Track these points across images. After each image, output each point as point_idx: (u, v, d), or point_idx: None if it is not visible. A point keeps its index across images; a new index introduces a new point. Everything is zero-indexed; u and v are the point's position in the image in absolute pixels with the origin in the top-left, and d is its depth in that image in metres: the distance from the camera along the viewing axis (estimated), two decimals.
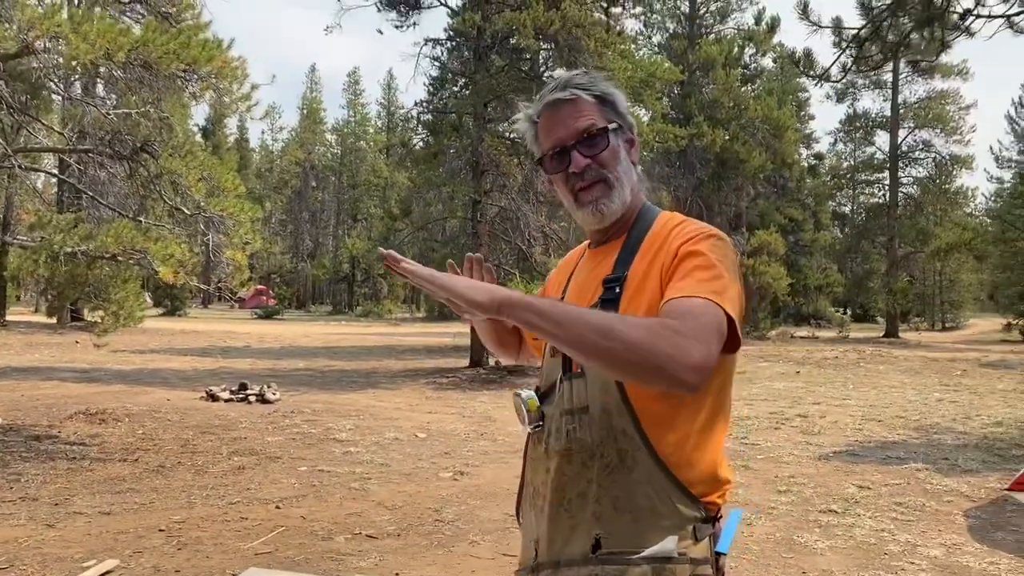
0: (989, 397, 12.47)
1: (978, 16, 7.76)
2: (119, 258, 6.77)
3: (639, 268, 1.40)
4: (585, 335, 1.16)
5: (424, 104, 18.80)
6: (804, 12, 8.98)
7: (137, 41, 6.01)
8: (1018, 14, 7.48)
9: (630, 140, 1.50)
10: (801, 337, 31.50)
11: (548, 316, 1.17)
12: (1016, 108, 45.74)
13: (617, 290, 1.39)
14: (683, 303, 1.24)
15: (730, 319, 1.25)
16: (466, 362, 16.96)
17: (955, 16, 7.92)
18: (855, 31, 8.88)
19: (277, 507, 5.41)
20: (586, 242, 1.64)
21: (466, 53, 17.44)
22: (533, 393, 1.49)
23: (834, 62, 9.26)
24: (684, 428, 1.33)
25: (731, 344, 1.28)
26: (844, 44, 8.88)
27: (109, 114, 7.55)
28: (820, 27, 8.97)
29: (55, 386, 11.91)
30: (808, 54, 10.12)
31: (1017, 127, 44.08)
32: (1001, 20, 7.59)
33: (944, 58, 32.32)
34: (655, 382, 1.18)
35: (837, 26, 8.97)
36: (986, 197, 45.71)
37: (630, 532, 1.33)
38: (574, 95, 1.44)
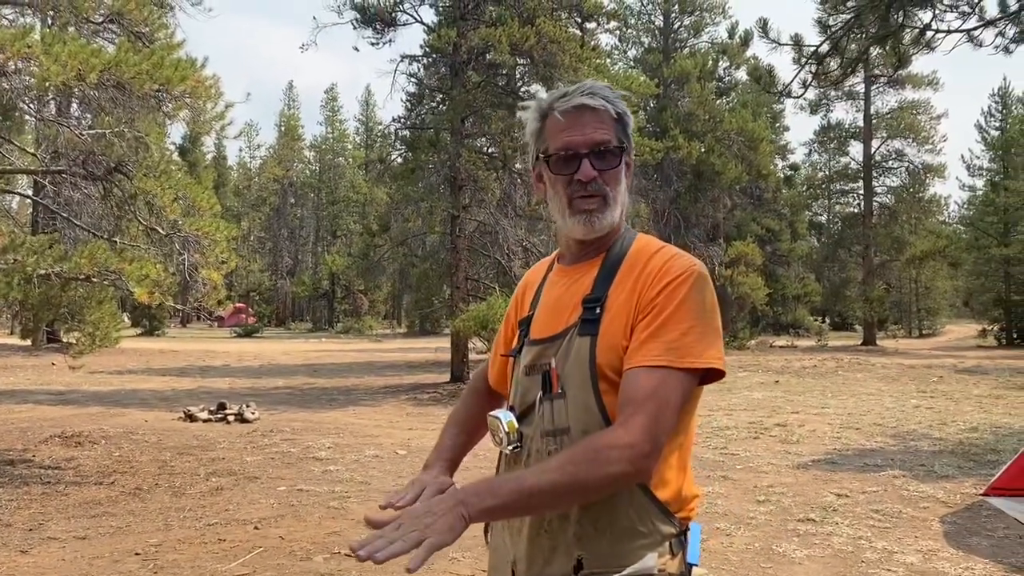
0: (965, 403, 12.62)
1: (937, 31, 7.93)
2: (93, 279, 6.70)
3: (618, 293, 1.41)
4: (534, 507, 1.30)
5: (402, 120, 18.81)
6: (764, 30, 9.14)
7: (109, 62, 5.99)
8: (976, 28, 7.65)
9: (629, 164, 1.50)
10: (780, 346, 31.74)
11: (501, 508, 1.24)
12: (986, 117, 46.46)
13: (598, 311, 1.40)
14: (637, 386, 1.31)
15: (700, 369, 1.34)
16: (447, 377, 16.93)
17: (915, 31, 8.09)
18: (814, 48, 9.06)
19: (255, 528, 5.37)
20: (552, 256, 1.64)
21: (443, 69, 17.50)
22: (510, 413, 1.48)
23: (794, 78, 9.47)
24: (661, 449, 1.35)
25: (710, 378, 1.37)
26: (804, 60, 9.06)
27: (83, 134, 7.51)
28: (779, 44, 9.14)
29: (30, 409, 11.74)
30: (770, 71, 10.29)
31: (987, 136, 44.75)
32: (960, 35, 7.75)
33: (914, 69, 33.17)
34: (600, 495, 1.31)
35: (796, 43, 9.15)
36: (959, 205, 46.39)
37: (612, 552, 1.34)
38: (602, 106, 1.43)
